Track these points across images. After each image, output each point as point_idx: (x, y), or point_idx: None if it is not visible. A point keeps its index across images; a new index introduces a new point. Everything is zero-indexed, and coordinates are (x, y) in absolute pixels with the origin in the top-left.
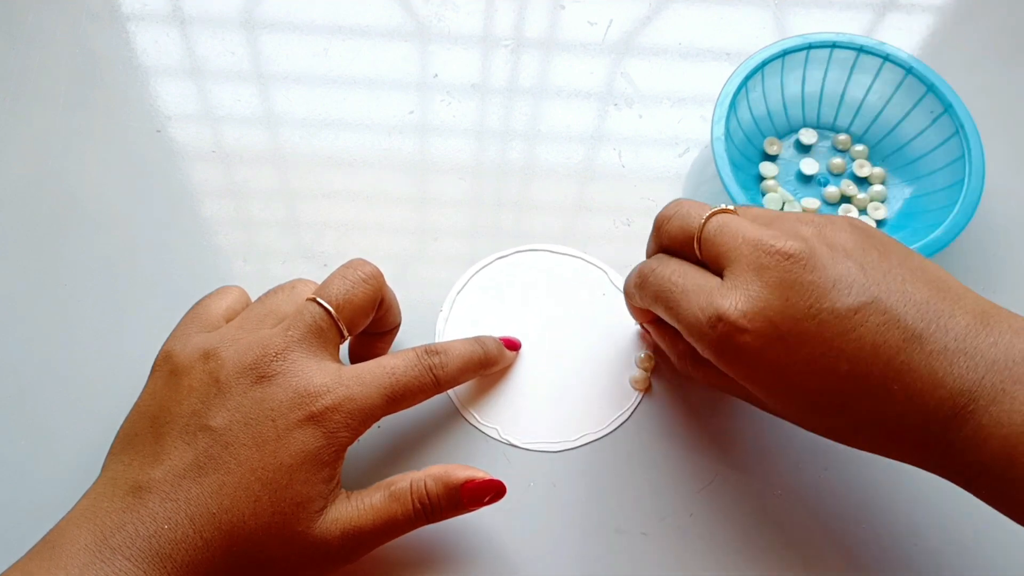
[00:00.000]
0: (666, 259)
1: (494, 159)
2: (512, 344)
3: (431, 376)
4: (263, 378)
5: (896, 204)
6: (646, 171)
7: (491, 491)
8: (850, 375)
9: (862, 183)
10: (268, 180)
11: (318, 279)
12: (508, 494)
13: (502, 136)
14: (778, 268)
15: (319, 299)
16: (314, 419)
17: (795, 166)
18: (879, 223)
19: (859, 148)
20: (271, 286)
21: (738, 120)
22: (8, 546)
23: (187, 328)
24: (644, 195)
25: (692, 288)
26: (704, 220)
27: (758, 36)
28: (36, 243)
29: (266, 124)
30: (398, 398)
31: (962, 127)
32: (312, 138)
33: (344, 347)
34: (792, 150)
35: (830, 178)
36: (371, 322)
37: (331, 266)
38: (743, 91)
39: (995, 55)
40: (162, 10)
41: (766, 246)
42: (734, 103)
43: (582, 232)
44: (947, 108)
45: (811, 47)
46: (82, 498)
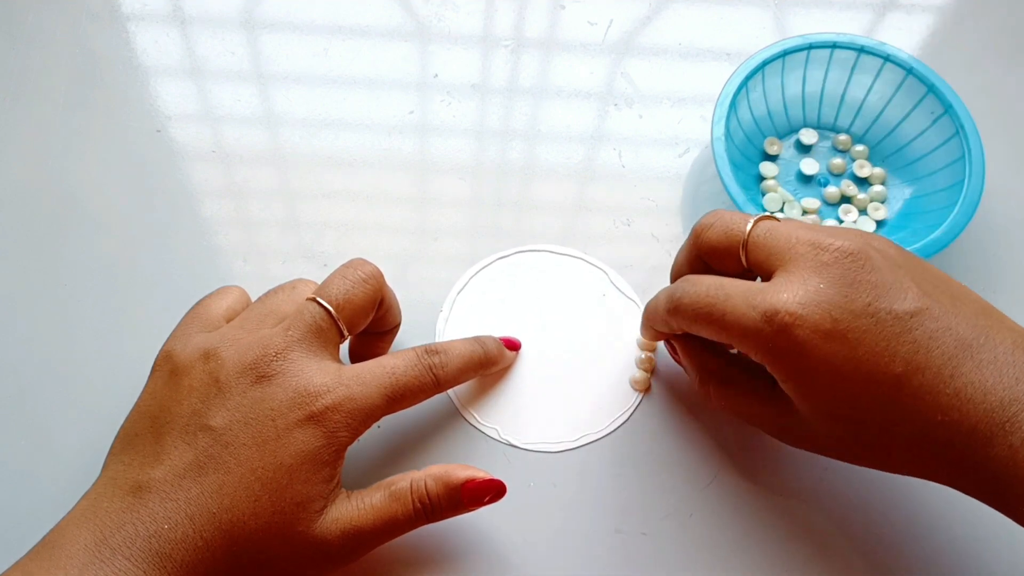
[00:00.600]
0: (695, 279)
1: (494, 159)
2: (512, 344)
3: (431, 376)
4: (263, 378)
5: (896, 204)
6: (646, 171)
7: (491, 491)
8: (903, 378)
9: (862, 183)
10: (268, 180)
11: (318, 279)
12: (508, 494)
13: (502, 136)
14: (838, 265)
15: (319, 299)
16: (314, 419)
17: (795, 166)
18: (879, 223)
19: (859, 148)
20: (271, 286)
21: (738, 120)
22: (8, 546)
23: (187, 328)
24: (644, 195)
25: (737, 293)
26: (752, 224)
27: (758, 36)
28: (36, 243)
29: (266, 124)
30: (398, 398)
31: (962, 128)
32: (312, 138)
33: (344, 347)
34: (792, 150)
35: (830, 178)
36: (371, 322)
37: (331, 266)
38: (743, 91)
39: (995, 55)
40: (162, 10)
41: (825, 244)
42: (734, 103)
43: (582, 232)
44: (947, 109)
45: (812, 47)
46: (82, 498)
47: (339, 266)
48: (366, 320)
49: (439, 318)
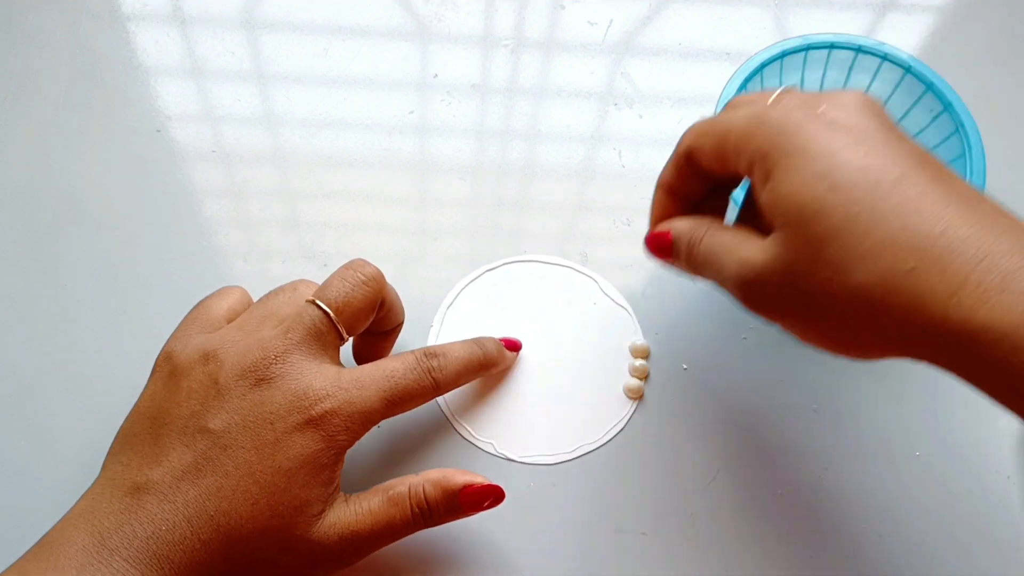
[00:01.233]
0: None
1: (494, 159)
2: (512, 345)
3: (430, 379)
4: (262, 381)
5: None
6: (646, 171)
7: (490, 496)
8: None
9: None
10: (268, 180)
11: (318, 279)
12: (505, 507)
13: (502, 136)
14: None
15: (318, 301)
16: (313, 423)
17: None
18: None
19: None
20: (271, 286)
21: None
22: (8, 546)
23: (188, 329)
24: (644, 195)
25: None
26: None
27: (758, 36)
28: (36, 243)
29: (266, 124)
30: (397, 401)
31: (962, 125)
32: (312, 138)
33: (347, 346)
34: None
35: None
36: (373, 322)
37: (331, 266)
38: (743, 93)
39: (995, 55)
40: (162, 10)
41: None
42: None
43: (582, 232)
44: (946, 107)
45: (810, 48)
46: (81, 498)
47: (340, 267)
48: (366, 322)
49: (430, 333)
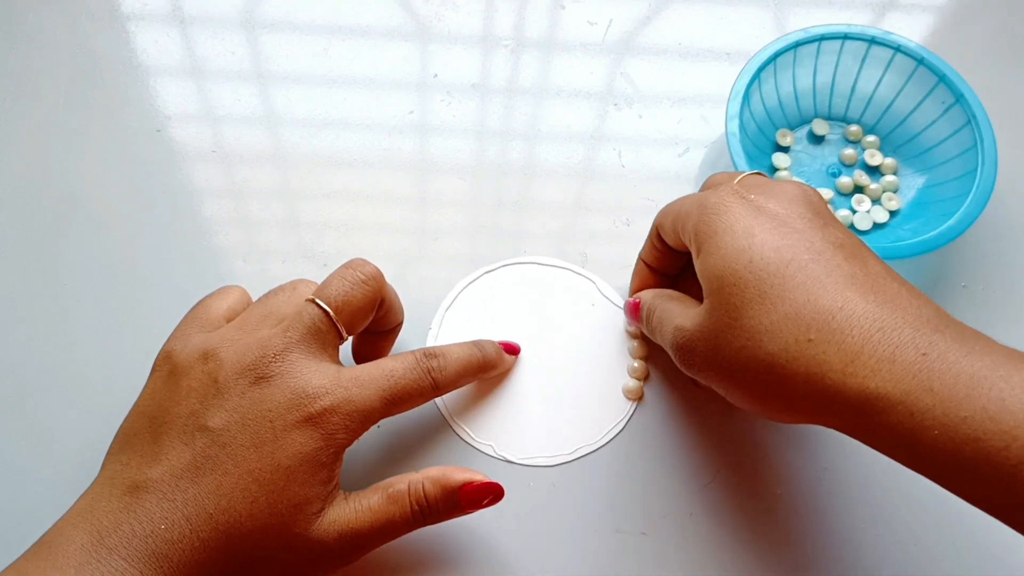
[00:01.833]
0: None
1: (494, 159)
2: (511, 348)
3: (429, 379)
4: (262, 379)
5: (909, 193)
6: (646, 171)
7: (489, 493)
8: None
9: (875, 173)
10: (268, 180)
11: (318, 279)
12: (504, 506)
13: (502, 136)
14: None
15: (318, 300)
16: (312, 421)
17: (807, 157)
18: (893, 213)
19: (871, 139)
20: (271, 286)
21: (751, 112)
22: (8, 546)
23: (187, 328)
24: (644, 195)
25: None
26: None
27: (758, 36)
28: (36, 243)
29: (266, 124)
30: (396, 400)
31: (974, 117)
32: (312, 138)
33: (346, 346)
34: (804, 141)
35: (843, 168)
36: (373, 321)
37: (331, 266)
38: (755, 83)
39: (995, 55)
40: (162, 10)
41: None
42: (747, 96)
43: (582, 232)
44: (958, 98)
45: (823, 39)
46: (80, 497)
47: (339, 266)
48: (366, 321)
49: (428, 335)
